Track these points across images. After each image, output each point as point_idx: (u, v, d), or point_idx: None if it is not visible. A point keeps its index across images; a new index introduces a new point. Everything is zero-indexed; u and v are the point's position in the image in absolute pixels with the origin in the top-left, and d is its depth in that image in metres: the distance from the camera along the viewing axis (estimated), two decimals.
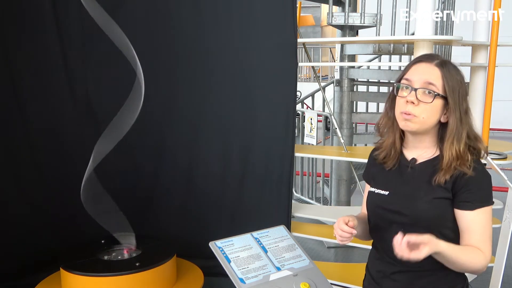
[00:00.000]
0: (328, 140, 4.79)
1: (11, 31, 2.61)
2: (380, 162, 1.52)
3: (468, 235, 1.40)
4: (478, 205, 1.39)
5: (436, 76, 1.38)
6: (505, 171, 1.75)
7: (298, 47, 2.84)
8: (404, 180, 1.46)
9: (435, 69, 1.39)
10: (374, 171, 1.55)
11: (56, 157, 2.81)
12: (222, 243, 1.53)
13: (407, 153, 1.49)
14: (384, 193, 1.48)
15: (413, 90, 1.38)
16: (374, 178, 1.55)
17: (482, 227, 1.39)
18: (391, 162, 1.49)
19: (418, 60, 1.44)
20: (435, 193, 1.39)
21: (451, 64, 1.42)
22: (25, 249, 2.72)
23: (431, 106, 1.37)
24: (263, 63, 2.81)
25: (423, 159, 1.45)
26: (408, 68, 1.44)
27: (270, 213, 2.91)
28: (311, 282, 1.48)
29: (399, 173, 1.48)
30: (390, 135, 1.49)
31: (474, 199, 1.39)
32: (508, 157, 2.70)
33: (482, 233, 1.39)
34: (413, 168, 1.46)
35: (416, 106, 1.37)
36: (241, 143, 2.92)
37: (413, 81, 1.39)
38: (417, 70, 1.41)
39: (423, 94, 1.37)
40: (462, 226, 1.41)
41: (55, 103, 2.78)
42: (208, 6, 2.81)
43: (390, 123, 1.48)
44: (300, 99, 5.61)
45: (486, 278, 1.78)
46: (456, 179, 1.38)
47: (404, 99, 1.39)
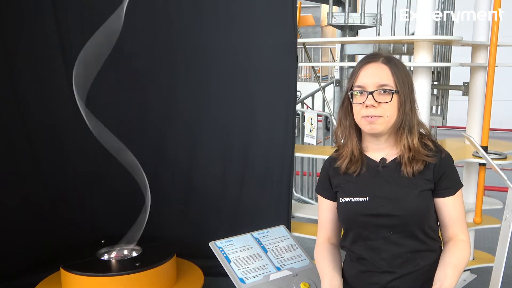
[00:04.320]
0: (328, 140, 4.79)
1: (11, 31, 2.61)
2: (343, 171, 1.49)
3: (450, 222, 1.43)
4: (456, 188, 1.43)
5: (386, 73, 1.40)
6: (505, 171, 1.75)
7: (298, 47, 2.84)
8: (380, 182, 1.44)
9: (383, 67, 1.41)
10: (339, 181, 1.51)
11: (56, 157, 2.81)
12: (222, 243, 1.53)
13: (373, 155, 1.48)
14: (363, 199, 1.43)
15: (369, 94, 1.38)
16: (342, 188, 1.50)
17: (460, 211, 1.44)
18: (355, 167, 1.47)
19: (364, 62, 1.44)
20: (419, 186, 1.40)
21: (395, 59, 1.45)
22: (25, 249, 2.72)
23: (391, 104, 1.39)
24: (263, 63, 2.81)
25: (393, 156, 1.45)
26: (357, 73, 1.43)
27: (270, 213, 2.90)
28: (311, 282, 1.49)
29: (372, 176, 1.45)
30: (348, 143, 1.49)
31: (453, 184, 1.43)
32: (508, 157, 2.70)
33: (461, 216, 1.44)
34: (386, 167, 1.45)
35: (377, 108, 1.38)
36: (241, 143, 2.92)
37: (366, 86, 1.40)
38: (366, 74, 1.41)
39: (379, 95, 1.38)
40: (444, 213, 1.43)
41: (55, 103, 2.78)
42: (208, 6, 2.81)
43: (346, 131, 1.49)
44: (300, 99, 5.62)
45: (486, 278, 1.78)
46: (434, 169, 1.40)
47: (361, 105, 1.40)
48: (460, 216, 1.44)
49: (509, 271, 3.11)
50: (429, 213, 1.42)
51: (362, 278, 1.46)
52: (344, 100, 1.49)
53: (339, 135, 1.52)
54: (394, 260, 1.40)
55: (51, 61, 2.74)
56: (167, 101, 2.95)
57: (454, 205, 1.43)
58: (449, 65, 3.01)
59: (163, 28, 2.85)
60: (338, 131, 1.53)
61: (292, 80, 2.79)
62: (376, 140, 1.46)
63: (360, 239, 1.45)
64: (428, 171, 1.41)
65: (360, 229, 1.45)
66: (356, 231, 1.46)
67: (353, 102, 1.43)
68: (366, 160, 1.48)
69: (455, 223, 1.43)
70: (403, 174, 1.41)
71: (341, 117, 1.51)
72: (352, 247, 1.48)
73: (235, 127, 2.91)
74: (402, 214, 1.38)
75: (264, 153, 2.90)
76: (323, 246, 1.55)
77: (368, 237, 1.43)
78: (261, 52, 2.80)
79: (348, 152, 1.48)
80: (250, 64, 2.83)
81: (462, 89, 3.16)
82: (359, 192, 1.45)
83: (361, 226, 1.44)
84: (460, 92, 3.16)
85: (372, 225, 1.42)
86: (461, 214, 1.44)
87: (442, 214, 1.44)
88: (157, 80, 2.89)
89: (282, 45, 2.75)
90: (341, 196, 1.48)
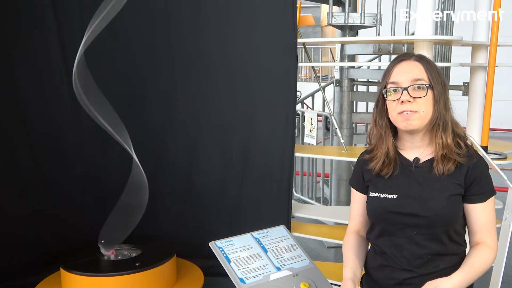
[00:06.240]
0: (328, 140, 4.79)
1: (10, 31, 2.61)
2: (376, 172, 1.48)
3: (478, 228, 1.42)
4: (488, 195, 1.41)
5: (420, 70, 1.40)
6: (505, 171, 1.75)
7: (298, 47, 2.84)
8: (411, 181, 1.44)
9: (416, 63, 1.42)
10: (371, 177, 1.51)
11: (56, 157, 2.81)
12: (222, 243, 1.52)
13: (407, 154, 1.47)
14: (392, 196, 1.44)
15: (404, 90, 1.38)
16: (372, 183, 1.50)
17: (490, 218, 1.42)
18: (388, 169, 1.46)
19: (397, 61, 1.45)
20: (449, 190, 1.39)
21: (427, 58, 1.46)
22: (25, 249, 2.72)
23: (426, 99, 1.38)
24: (263, 63, 2.81)
25: (427, 157, 1.45)
26: (390, 71, 1.44)
27: (270, 213, 2.91)
28: (311, 282, 1.48)
29: (403, 175, 1.46)
30: (383, 144, 1.47)
31: (484, 191, 1.41)
32: (508, 157, 2.70)
33: (490, 224, 1.42)
34: (419, 168, 1.44)
35: (413, 103, 1.37)
36: (241, 143, 2.92)
37: (400, 82, 1.40)
38: (400, 71, 1.42)
39: (414, 91, 1.38)
40: (473, 219, 1.42)
41: (55, 104, 2.78)
42: (208, 6, 2.81)
43: (382, 131, 1.47)
44: (300, 99, 5.61)
45: (486, 278, 1.78)
46: (466, 174, 1.39)
47: (397, 102, 1.39)
48: (489, 223, 1.42)
49: (509, 271, 3.12)
50: (455, 218, 1.41)
51: (382, 272, 1.48)
52: (378, 101, 1.48)
53: (375, 136, 1.50)
54: (415, 260, 1.41)
55: (51, 61, 2.74)
56: (167, 101, 2.95)
57: (483, 212, 1.41)
58: (449, 65, 3.01)
59: (163, 28, 2.85)
60: (373, 132, 1.51)
61: (292, 80, 2.79)
62: (411, 138, 1.45)
63: (385, 234, 1.47)
64: (460, 176, 1.40)
65: (386, 225, 1.46)
66: (382, 226, 1.47)
67: (387, 100, 1.42)
68: (400, 159, 1.47)
69: (483, 229, 1.42)
70: (434, 174, 1.40)
71: (377, 117, 1.49)
72: (376, 240, 1.50)
73: (235, 127, 2.91)
74: (428, 216, 1.38)
75: (264, 153, 2.90)
76: (352, 236, 1.58)
77: (393, 234, 1.44)
78: (261, 52, 2.80)
79: (383, 153, 1.47)
80: (250, 64, 2.83)
81: (462, 89, 3.16)
82: (389, 189, 1.45)
83: (387, 222, 1.45)
84: (460, 92, 3.16)
85: (398, 223, 1.43)
86: (491, 222, 1.42)
87: (470, 220, 1.43)
88: (157, 80, 2.89)
89: (282, 45, 2.75)
90: (371, 191, 1.50)
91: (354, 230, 1.60)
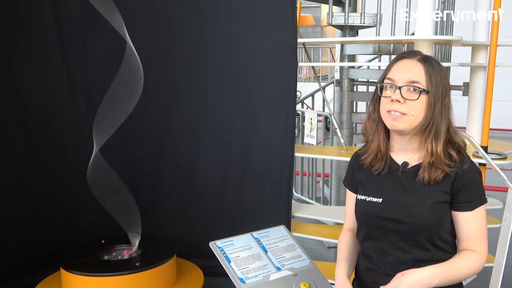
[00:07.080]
0: (328, 140, 4.79)
1: (11, 31, 2.61)
2: (367, 167, 1.47)
3: (465, 236, 1.39)
4: (477, 203, 1.37)
5: (419, 71, 1.35)
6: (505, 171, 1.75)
7: (298, 47, 2.84)
8: (397, 186, 1.41)
9: (417, 64, 1.36)
10: (360, 177, 1.50)
11: (56, 157, 2.81)
12: (222, 243, 1.52)
13: (397, 157, 1.44)
14: (377, 200, 1.42)
15: (397, 88, 1.34)
16: (361, 185, 1.49)
17: (479, 226, 1.38)
18: (379, 165, 1.44)
19: (400, 57, 1.41)
20: (435, 197, 1.36)
21: (433, 59, 1.39)
22: (25, 249, 2.72)
23: (418, 103, 1.33)
24: (263, 63, 2.81)
25: (415, 162, 1.41)
26: (390, 67, 1.40)
27: (270, 213, 2.91)
28: (311, 282, 1.48)
29: (391, 178, 1.43)
30: (375, 138, 1.45)
31: (473, 199, 1.37)
32: (508, 157, 2.70)
33: (478, 233, 1.38)
34: (406, 173, 1.41)
35: (402, 104, 1.33)
36: (241, 143, 2.92)
37: (396, 80, 1.36)
38: (399, 68, 1.37)
39: (407, 92, 1.34)
40: (460, 227, 1.39)
41: (55, 103, 2.78)
42: (208, 6, 2.81)
43: (374, 126, 1.45)
44: (300, 99, 5.61)
45: (486, 278, 1.78)
46: (454, 181, 1.35)
47: (388, 99, 1.36)
48: (478, 232, 1.37)
49: (509, 271, 3.12)
50: (440, 226, 1.37)
51: (368, 275, 1.47)
52: (375, 93, 1.44)
53: (368, 129, 1.47)
54: (398, 265, 1.39)
55: (51, 61, 2.74)
56: (167, 101, 2.95)
57: (472, 221, 1.36)
58: (449, 65, 3.01)
59: (163, 28, 2.85)
60: (367, 124, 1.48)
61: (292, 80, 2.79)
62: (399, 139, 1.42)
63: (370, 238, 1.45)
64: (447, 183, 1.35)
65: (370, 229, 1.44)
66: (367, 229, 1.46)
67: (381, 95, 1.39)
68: (389, 161, 1.44)
69: (470, 238, 1.38)
70: (419, 180, 1.36)
71: (371, 110, 1.46)
72: (363, 243, 1.50)
73: (235, 127, 2.91)
74: (411, 222, 1.36)
75: (264, 153, 2.90)
76: (346, 233, 1.59)
77: (378, 238, 1.43)
78: (261, 52, 2.80)
79: (375, 147, 1.45)
80: (250, 64, 2.83)
81: (462, 89, 3.16)
82: (375, 192, 1.43)
83: (372, 226, 1.43)
84: (460, 92, 3.16)
85: (382, 228, 1.40)
86: (480, 231, 1.37)
87: (458, 228, 1.40)
88: (157, 80, 2.89)
89: (282, 45, 2.75)
90: (359, 193, 1.48)
91: (349, 228, 1.60)
